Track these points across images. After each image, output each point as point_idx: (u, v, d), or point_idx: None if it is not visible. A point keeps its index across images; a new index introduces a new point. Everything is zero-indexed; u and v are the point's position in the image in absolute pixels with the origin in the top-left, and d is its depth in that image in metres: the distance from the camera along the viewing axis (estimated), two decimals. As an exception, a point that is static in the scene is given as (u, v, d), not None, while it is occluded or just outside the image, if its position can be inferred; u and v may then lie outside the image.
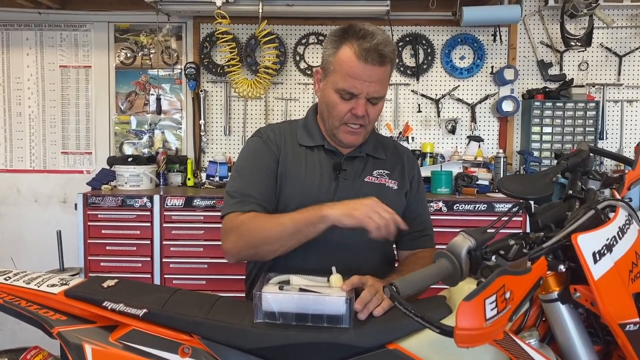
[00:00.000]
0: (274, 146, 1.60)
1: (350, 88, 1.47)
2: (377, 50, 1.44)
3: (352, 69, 1.45)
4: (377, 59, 1.44)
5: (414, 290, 0.94)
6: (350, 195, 1.55)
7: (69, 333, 1.24)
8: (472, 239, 0.98)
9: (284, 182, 1.57)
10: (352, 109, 1.50)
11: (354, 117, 1.51)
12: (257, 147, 1.61)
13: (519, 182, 1.21)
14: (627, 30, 3.55)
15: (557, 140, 3.43)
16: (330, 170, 1.58)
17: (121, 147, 3.67)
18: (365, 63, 1.44)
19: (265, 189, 1.54)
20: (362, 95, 1.48)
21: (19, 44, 3.64)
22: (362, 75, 1.45)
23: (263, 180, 1.55)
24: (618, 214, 1.11)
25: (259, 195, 1.53)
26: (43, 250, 3.52)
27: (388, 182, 1.62)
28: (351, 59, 1.45)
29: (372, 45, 1.43)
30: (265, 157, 1.59)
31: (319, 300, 1.20)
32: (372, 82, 1.47)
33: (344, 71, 1.46)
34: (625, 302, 1.03)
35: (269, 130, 1.65)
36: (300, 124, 1.68)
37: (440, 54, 3.59)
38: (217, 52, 3.59)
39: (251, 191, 1.53)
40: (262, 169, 1.57)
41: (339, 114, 1.52)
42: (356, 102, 1.49)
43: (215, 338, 1.23)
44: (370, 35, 1.45)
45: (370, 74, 1.46)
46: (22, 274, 1.40)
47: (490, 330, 0.86)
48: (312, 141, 1.63)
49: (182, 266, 3.02)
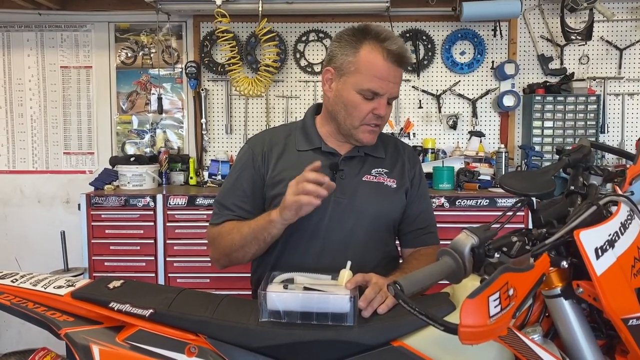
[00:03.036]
0: (259, 157, 1.62)
1: (377, 89, 1.50)
2: (401, 53, 1.50)
3: (381, 70, 1.49)
4: (401, 61, 1.51)
5: (417, 288, 0.95)
6: (348, 195, 1.56)
7: (76, 334, 1.25)
8: (475, 237, 0.99)
9: (279, 186, 1.56)
10: (374, 109, 1.53)
11: (375, 117, 1.53)
12: (241, 159, 1.67)
13: (520, 179, 1.20)
14: (627, 23, 3.54)
15: (559, 134, 3.42)
16: (327, 171, 1.57)
17: (123, 146, 3.68)
18: (393, 64, 1.50)
19: (241, 202, 1.61)
20: (385, 95, 1.52)
21: (19, 45, 3.65)
22: (388, 76, 1.50)
23: (240, 194, 1.61)
24: (620, 209, 1.11)
25: (235, 208, 1.60)
26: (47, 250, 3.54)
27: (387, 180, 1.62)
28: (379, 60, 1.49)
29: (398, 49, 1.50)
30: (246, 169, 1.63)
31: (323, 298, 1.21)
32: (396, 83, 1.53)
33: (371, 72, 1.50)
34: (627, 297, 1.03)
35: (260, 139, 1.68)
36: (299, 127, 1.68)
37: (440, 49, 3.58)
38: (217, 51, 3.59)
39: (228, 204, 1.61)
40: (240, 182, 1.63)
41: (361, 114, 1.53)
42: (379, 102, 1.52)
43: (221, 337, 1.23)
44: (391, 38, 1.51)
45: (395, 74, 1.52)
46: (28, 276, 1.41)
47: (494, 327, 0.87)
48: (309, 144, 1.63)
49: (186, 265, 3.03)
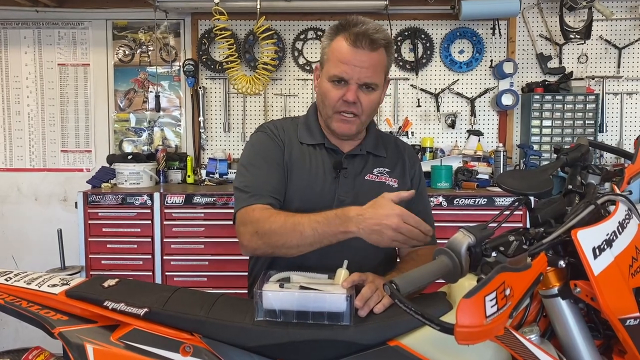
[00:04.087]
0: (279, 140, 1.60)
1: (341, 73, 1.48)
2: (367, 35, 1.46)
3: (343, 54, 1.48)
4: (367, 43, 1.46)
5: (414, 288, 0.94)
6: (350, 194, 1.55)
7: (70, 333, 1.24)
8: (472, 236, 0.98)
9: (289, 178, 1.57)
10: (342, 96, 1.50)
11: (346, 103, 1.51)
12: (262, 141, 1.61)
13: (518, 178, 1.20)
14: (626, 22, 3.53)
15: (557, 133, 3.42)
16: (331, 169, 1.58)
17: (121, 144, 3.67)
18: (356, 48, 1.46)
19: (276, 182, 1.53)
20: (352, 80, 1.49)
21: (17, 43, 3.64)
22: (352, 60, 1.47)
23: (273, 173, 1.54)
24: (618, 208, 1.11)
25: (271, 187, 1.51)
26: (44, 248, 3.54)
27: (388, 180, 1.62)
28: (342, 45, 1.48)
29: (362, 30, 1.46)
30: (272, 150, 1.59)
31: (319, 297, 1.20)
32: (363, 67, 1.48)
33: (336, 57, 1.49)
34: (625, 297, 1.03)
35: (272, 126, 1.65)
36: (302, 121, 1.68)
37: (439, 48, 3.58)
38: (215, 49, 3.58)
39: (262, 184, 1.51)
40: (271, 162, 1.56)
41: (331, 102, 1.52)
42: (348, 88, 1.50)
43: (216, 336, 1.23)
44: (362, 23, 1.48)
45: (361, 58, 1.47)
46: (22, 274, 1.40)
47: (491, 327, 0.86)
48: (312, 139, 1.63)
49: (183, 263, 3.02)
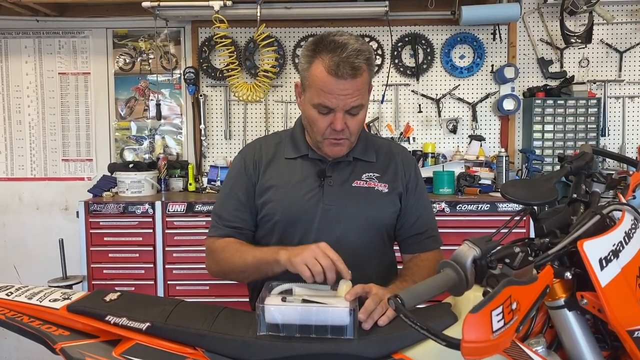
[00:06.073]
0: (251, 165, 1.62)
1: (326, 103, 1.44)
2: (349, 63, 1.39)
3: (325, 84, 1.42)
4: (349, 72, 1.39)
5: (419, 302, 0.93)
6: (337, 202, 1.54)
7: (72, 349, 1.23)
8: (477, 248, 0.96)
9: (267, 194, 1.58)
10: (331, 124, 1.47)
11: (334, 131, 1.48)
12: (234, 168, 1.67)
13: (522, 187, 1.18)
14: (627, 26, 3.53)
15: (559, 137, 3.40)
16: (315, 178, 1.56)
17: (122, 153, 3.66)
18: (337, 77, 1.40)
19: (238, 212, 1.60)
20: (338, 109, 1.45)
21: (17, 52, 3.64)
22: (335, 89, 1.41)
23: (235, 203, 1.61)
24: (624, 218, 1.10)
25: (233, 218, 1.60)
26: (46, 258, 3.53)
27: (377, 185, 1.60)
28: (322, 74, 1.41)
29: (343, 59, 1.39)
30: (240, 178, 1.63)
31: (322, 311, 1.19)
32: (347, 95, 1.42)
33: (318, 87, 1.43)
34: (633, 309, 1.01)
35: (252, 149, 1.67)
36: (288, 135, 1.67)
37: (439, 53, 3.57)
38: (215, 57, 3.58)
39: (225, 214, 1.61)
40: (235, 191, 1.62)
41: (320, 130, 1.50)
42: (334, 117, 1.46)
43: (219, 351, 1.22)
44: (340, 48, 1.40)
45: (344, 87, 1.41)
46: (24, 289, 1.39)
47: (498, 342, 0.85)
48: (296, 152, 1.62)
49: (185, 272, 3.01)
